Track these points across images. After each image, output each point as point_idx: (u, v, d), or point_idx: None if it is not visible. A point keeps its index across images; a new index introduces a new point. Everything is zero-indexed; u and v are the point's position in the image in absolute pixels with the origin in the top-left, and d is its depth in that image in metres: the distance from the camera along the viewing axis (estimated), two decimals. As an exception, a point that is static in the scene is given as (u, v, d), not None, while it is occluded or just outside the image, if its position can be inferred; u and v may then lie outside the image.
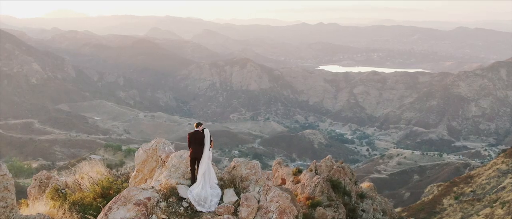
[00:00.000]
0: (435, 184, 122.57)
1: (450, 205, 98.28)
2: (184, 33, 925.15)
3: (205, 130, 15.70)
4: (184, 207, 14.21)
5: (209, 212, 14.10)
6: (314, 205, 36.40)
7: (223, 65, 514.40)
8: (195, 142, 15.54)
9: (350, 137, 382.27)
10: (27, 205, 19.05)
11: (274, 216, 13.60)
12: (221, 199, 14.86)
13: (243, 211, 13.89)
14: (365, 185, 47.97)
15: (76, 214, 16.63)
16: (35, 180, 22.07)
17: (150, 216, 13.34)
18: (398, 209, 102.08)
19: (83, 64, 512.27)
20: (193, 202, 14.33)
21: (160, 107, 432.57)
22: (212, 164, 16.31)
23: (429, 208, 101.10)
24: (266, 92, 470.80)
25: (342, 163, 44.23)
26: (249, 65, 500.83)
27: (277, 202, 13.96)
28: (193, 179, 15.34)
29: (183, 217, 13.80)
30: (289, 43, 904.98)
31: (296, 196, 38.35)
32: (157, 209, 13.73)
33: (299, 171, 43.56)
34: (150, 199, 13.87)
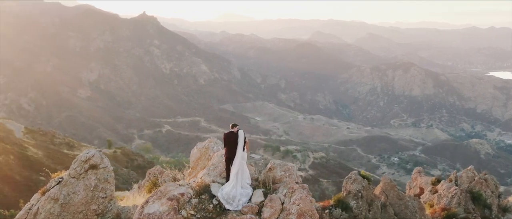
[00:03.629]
0: None
1: None
2: (346, 37, 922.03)
3: (239, 131, 15.92)
4: (213, 204, 14.51)
5: (235, 211, 14.26)
6: (449, 216, 34.48)
7: (385, 69, 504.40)
8: (230, 142, 15.78)
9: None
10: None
11: (293, 218, 13.46)
12: (251, 199, 14.96)
13: (266, 212, 13.95)
14: (512, 198, 44.07)
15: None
16: (149, 174, 23.26)
17: (180, 211, 13.71)
18: None
19: (248, 66, 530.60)
20: (221, 200, 14.59)
21: (319, 110, 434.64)
22: (249, 164, 16.65)
23: None
24: (430, 98, 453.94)
25: (485, 174, 41.17)
26: (412, 69, 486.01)
27: (298, 205, 13.79)
28: (227, 178, 15.56)
29: (211, 214, 14.10)
30: (457, 47, 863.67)
31: (432, 206, 36.81)
32: (188, 205, 14.14)
33: (438, 181, 41.44)
34: (184, 195, 14.35)
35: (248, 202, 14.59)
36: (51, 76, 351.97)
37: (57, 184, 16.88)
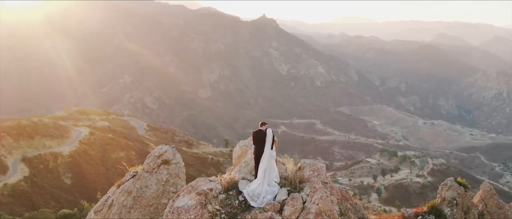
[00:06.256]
0: None
1: None
2: (472, 39, 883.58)
3: (267, 129, 16.01)
4: (239, 201, 14.84)
5: (258, 208, 14.45)
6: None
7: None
8: (258, 140, 15.95)
9: None
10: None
11: (311, 217, 13.54)
12: (276, 197, 15.02)
13: (286, 210, 14.05)
14: None
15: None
16: (229, 172, 23.73)
17: (207, 206, 14.06)
18: None
19: (366, 68, 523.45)
20: (246, 197, 14.86)
21: (441, 115, 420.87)
22: (279, 162, 16.92)
23: None
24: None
25: None
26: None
27: (318, 204, 13.86)
28: (256, 176, 15.71)
29: (235, 210, 14.44)
30: None
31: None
32: (214, 200, 14.50)
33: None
34: (212, 190, 14.77)
35: (273, 200, 14.74)
36: (174, 76, 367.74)
37: (132, 178, 17.70)
